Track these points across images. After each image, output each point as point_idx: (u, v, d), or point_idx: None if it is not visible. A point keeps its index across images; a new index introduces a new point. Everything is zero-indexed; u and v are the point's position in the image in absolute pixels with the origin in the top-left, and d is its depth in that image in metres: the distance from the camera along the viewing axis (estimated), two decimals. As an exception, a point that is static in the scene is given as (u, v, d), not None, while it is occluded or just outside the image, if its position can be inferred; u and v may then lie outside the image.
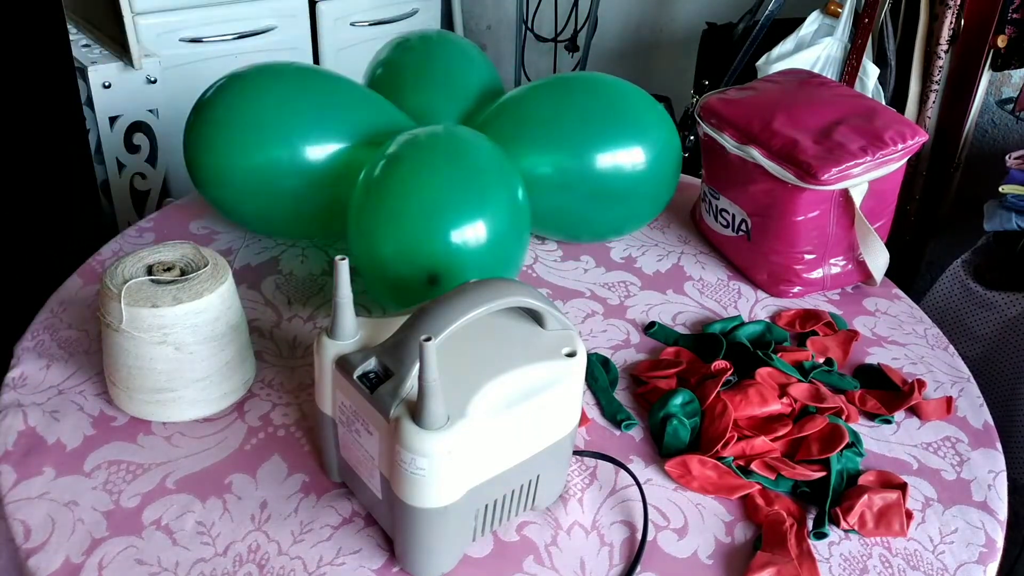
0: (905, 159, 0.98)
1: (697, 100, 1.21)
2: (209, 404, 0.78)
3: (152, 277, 0.75)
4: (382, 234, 0.83)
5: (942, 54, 1.56)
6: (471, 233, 0.82)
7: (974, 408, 0.87)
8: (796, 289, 1.01)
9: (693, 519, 0.73)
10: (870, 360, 0.92)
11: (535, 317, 0.68)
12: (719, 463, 0.76)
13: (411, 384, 0.59)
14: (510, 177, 0.89)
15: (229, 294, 0.77)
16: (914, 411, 0.85)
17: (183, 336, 0.74)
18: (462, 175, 0.86)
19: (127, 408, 0.78)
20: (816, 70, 1.60)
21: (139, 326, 0.72)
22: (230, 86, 0.95)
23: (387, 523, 0.67)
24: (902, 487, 0.75)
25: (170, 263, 0.76)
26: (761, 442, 0.77)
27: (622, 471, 0.75)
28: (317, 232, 1.02)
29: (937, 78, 1.58)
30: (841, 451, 0.76)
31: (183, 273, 0.76)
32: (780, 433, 0.78)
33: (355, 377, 0.62)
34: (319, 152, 0.93)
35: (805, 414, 0.80)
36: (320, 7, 1.92)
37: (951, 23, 1.54)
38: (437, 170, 0.85)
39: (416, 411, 0.58)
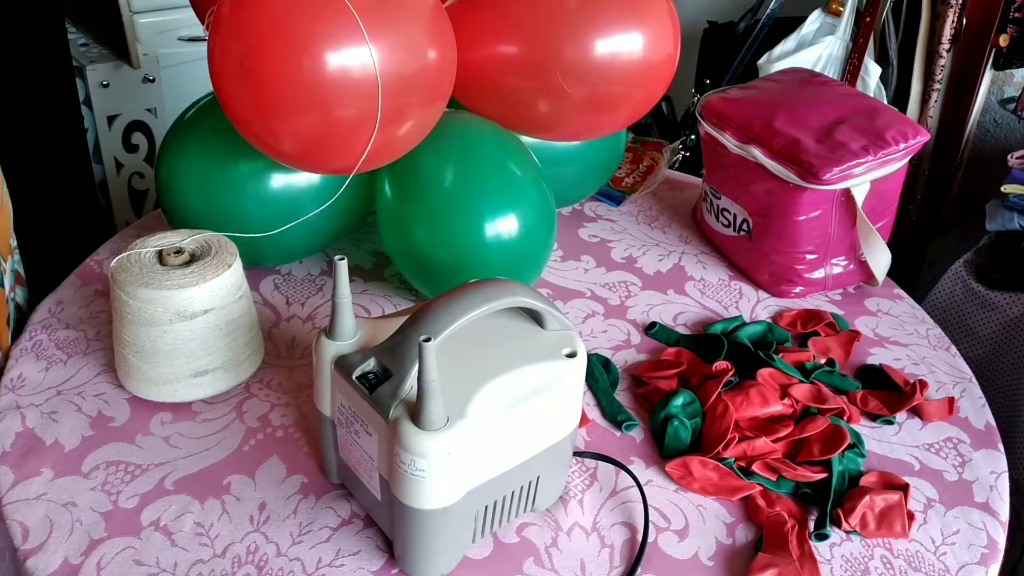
0: (907, 159, 0.97)
1: (698, 99, 1.21)
2: (216, 384, 0.80)
3: (162, 260, 0.77)
4: (416, 221, 0.87)
5: (944, 53, 1.56)
6: (503, 225, 0.86)
7: (976, 409, 0.86)
8: (798, 289, 1.01)
9: (694, 520, 0.72)
10: (872, 360, 0.92)
11: (535, 317, 0.67)
12: (720, 464, 0.75)
13: (410, 385, 0.59)
14: (537, 171, 0.92)
15: (237, 276, 0.78)
16: (916, 412, 0.85)
17: (194, 319, 0.75)
18: (495, 167, 0.89)
19: (142, 392, 0.79)
20: (818, 69, 1.60)
21: (150, 309, 0.74)
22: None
23: (386, 524, 0.67)
24: (904, 488, 0.75)
25: (180, 247, 0.78)
26: (762, 443, 0.77)
27: (623, 472, 0.75)
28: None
29: (939, 77, 1.58)
30: (843, 452, 0.76)
31: (193, 257, 0.78)
32: (781, 434, 0.78)
33: (354, 378, 0.62)
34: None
35: (806, 415, 0.80)
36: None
37: (953, 22, 1.53)
38: (471, 160, 0.88)
39: (415, 412, 0.57)
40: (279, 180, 0.88)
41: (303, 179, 0.89)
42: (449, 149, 0.88)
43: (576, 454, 0.75)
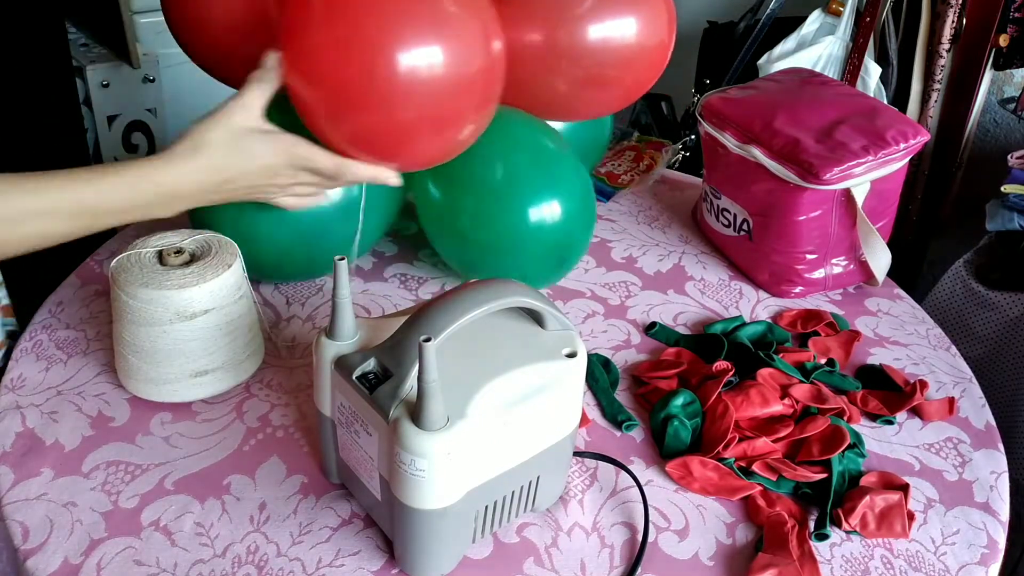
0: (907, 159, 0.97)
1: (698, 99, 1.21)
2: (216, 384, 0.80)
3: (162, 260, 0.77)
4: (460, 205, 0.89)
5: (944, 53, 1.56)
6: (547, 211, 0.87)
7: (976, 409, 0.86)
8: (798, 289, 1.01)
9: (694, 520, 0.72)
10: (872, 360, 0.92)
11: (535, 317, 0.67)
12: (720, 464, 0.75)
13: (410, 385, 0.59)
14: (574, 155, 0.93)
15: (237, 276, 0.78)
16: (916, 412, 0.85)
17: (194, 319, 0.75)
18: (538, 152, 0.89)
19: (142, 392, 0.79)
20: (818, 69, 1.60)
21: (151, 309, 0.74)
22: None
23: (386, 524, 0.67)
24: (904, 488, 0.75)
25: (180, 247, 0.78)
26: (762, 443, 0.77)
27: (623, 472, 0.75)
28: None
29: (939, 77, 1.58)
30: (843, 452, 0.76)
31: (193, 257, 0.78)
32: (781, 434, 0.78)
33: (354, 378, 0.62)
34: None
35: (807, 415, 0.80)
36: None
37: (953, 22, 1.53)
38: (512, 147, 0.89)
39: (416, 412, 0.57)
40: None
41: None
42: (490, 138, 0.87)
43: (576, 454, 0.75)
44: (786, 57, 1.62)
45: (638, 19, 0.86)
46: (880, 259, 1.01)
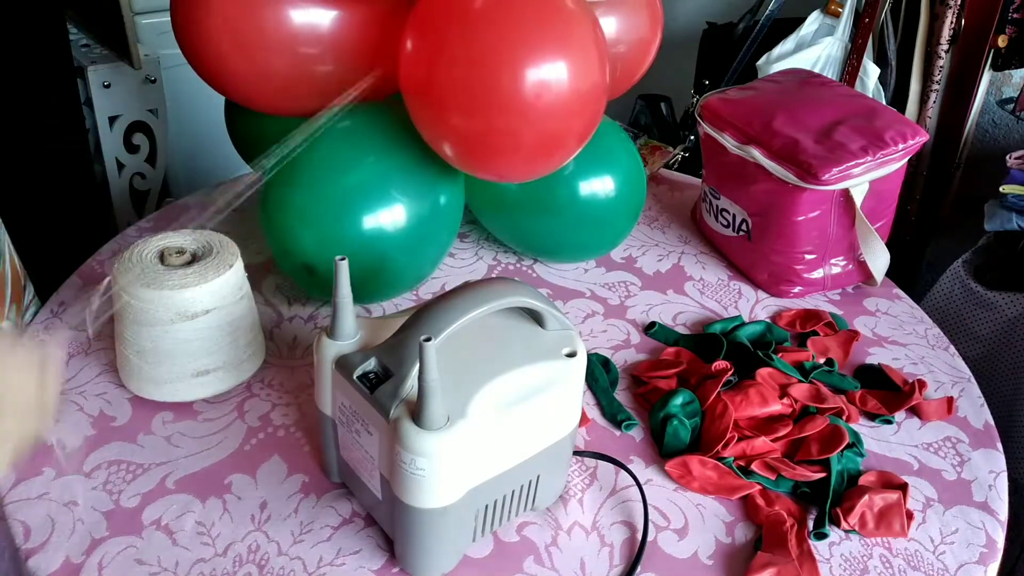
0: (906, 159, 0.98)
1: (697, 100, 1.21)
2: (217, 383, 0.80)
3: (163, 260, 0.77)
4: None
5: (943, 54, 1.56)
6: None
7: (975, 408, 0.87)
8: (797, 289, 1.01)
9: (693, 519, 0.73)
10: (871, 360, 0.92)
11: (535, 317, 0.68)
12: (719, 463, 0.75)
13: (411, 384, 0.59)
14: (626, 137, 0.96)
15: (239, 276, 0.78)
16: (915, 411, 0.85)
17: (195, 319, 0.75)
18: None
19: (143, 391, 0.79)
20: (817, 70, 1.60)
21: (152, 309, 0.74)
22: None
23: (387, 524, 0.67)
24: (903, 487, 0.75)
25: (181, 247, 0.78)
26: (761, 442, 0.77)
27: (622, 471, 0.75)
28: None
29: (938, 78, 1.58)
30: (841, 451, 0.76)
31: (194, 257, 0.78)
32: (780, 433, 0.78)
33: (355, 377, 0.62)
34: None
35: (805, 414, 0.80)
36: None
37: (952, 23, 1.54)
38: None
39: (416, 411, 0.58)
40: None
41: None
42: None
43: (576, 453, 0.76)
44: (785, 58, 1.63)
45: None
46: (879, 259, 1.01)
